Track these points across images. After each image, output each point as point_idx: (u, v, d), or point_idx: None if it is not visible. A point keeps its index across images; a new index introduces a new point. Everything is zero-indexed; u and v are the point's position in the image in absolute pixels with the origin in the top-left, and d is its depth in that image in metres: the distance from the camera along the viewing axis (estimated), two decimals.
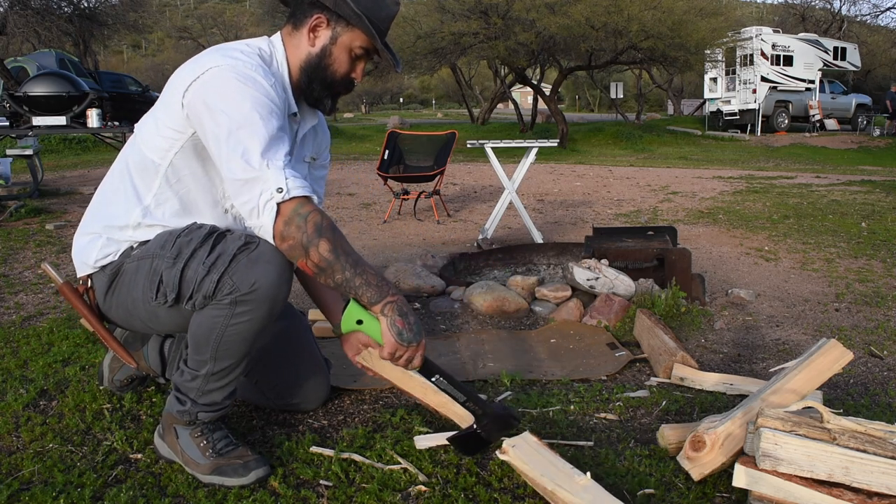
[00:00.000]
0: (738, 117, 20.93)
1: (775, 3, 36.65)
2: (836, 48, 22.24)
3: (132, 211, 1.68)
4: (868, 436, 1.39)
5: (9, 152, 6.62)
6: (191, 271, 1.54)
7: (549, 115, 20.66)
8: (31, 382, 2.25)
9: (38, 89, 6.53)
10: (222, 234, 1.59)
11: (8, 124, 6.71)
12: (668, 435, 1.76)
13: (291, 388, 1.98)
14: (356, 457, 1.73)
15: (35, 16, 16.10)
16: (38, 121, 6.46)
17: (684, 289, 3.01)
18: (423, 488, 1.60)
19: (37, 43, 17.67)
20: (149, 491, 1.62)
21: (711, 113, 22.51)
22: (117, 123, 7.32)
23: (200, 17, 38.45)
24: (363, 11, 1.66)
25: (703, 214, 6.11)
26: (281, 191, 1.50)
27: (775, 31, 21.43)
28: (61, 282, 1.75)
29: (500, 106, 33.44)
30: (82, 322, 1.84)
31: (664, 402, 2.10)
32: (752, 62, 20.41)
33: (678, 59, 15.55)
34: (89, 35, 19.31)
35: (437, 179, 6.06)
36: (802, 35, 22.17)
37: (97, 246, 1.70)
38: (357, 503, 1.56)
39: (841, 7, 28.81)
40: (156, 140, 1.65)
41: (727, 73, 21.38)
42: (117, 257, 1.69)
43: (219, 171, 1.59)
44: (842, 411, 1.92)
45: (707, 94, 23.00)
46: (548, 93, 18.10)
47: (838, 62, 22.24)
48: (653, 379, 2.31)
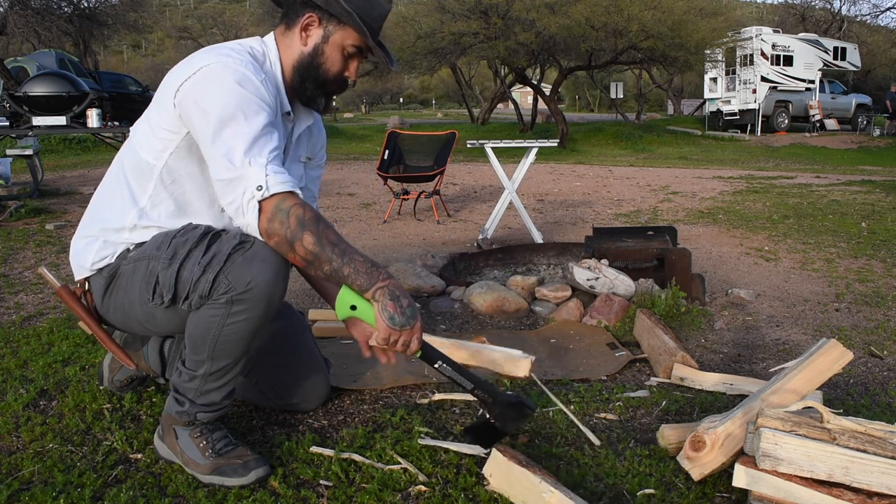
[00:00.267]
0: (738, 117, 20.93)
1: (775, 3, 36.67)
2: (836, 48, 22.23)
3: (128, 213, 1.68)
4: (868, 436, 1.39)
5: (9, 152, 6.61)
6: (186, 271, 1.54)
7: (549, 115, 20.66)
8: (31, 382, 2.25)
9: (38, 89, 6.53)
10: (217, 234, 1.59)
11: (8, 124, 6.71)
12: (668, 435, 1.76)
13: (291, 388, 1.98)
14: (356, 457, 1.73)
15: (35, 16, 16.09)
16: (38, 121, 6.46)
17: (684, 289, 3.01)
18: (423, 488, 1.60)
19: (37, 43, 17.67)
20: (149, 491, 1.62)
21: (711, 113, 22.51)
22: (117, 123, 7.32)
23: (200, 17, 38.45)
24: (354, 10, 1.66)
25: (703, 214, 6.12)
26: (261, 188, 1.50)
27: (775, 31, 21.43)
28: (59, 285, 1.75)
29: (500, 106, 33.44)
30: (81, 325, 1.83)
31: (664, 402, 2.10)
32: (752, 62, 20.40)
33: (678, 59, 15.55)
34: (89, 35, 19.30)
35: (437, 179, 6.06)
36: (802, 35, 22.17)
37: (94, 249, 1.70)
38: (357, 503, 1.56)
39: (841, 7, 28.85)
40: (150, 141, 1.65)
41: (727, 73, 21.38)
42: (114, 259, 1.69)
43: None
44: (842, 411, 1.92)
45: (707, 94, 23.00)
46: (548, 93, 18.10)
47: (838, 62, 22.24)
48: (653, 379, 2.31)
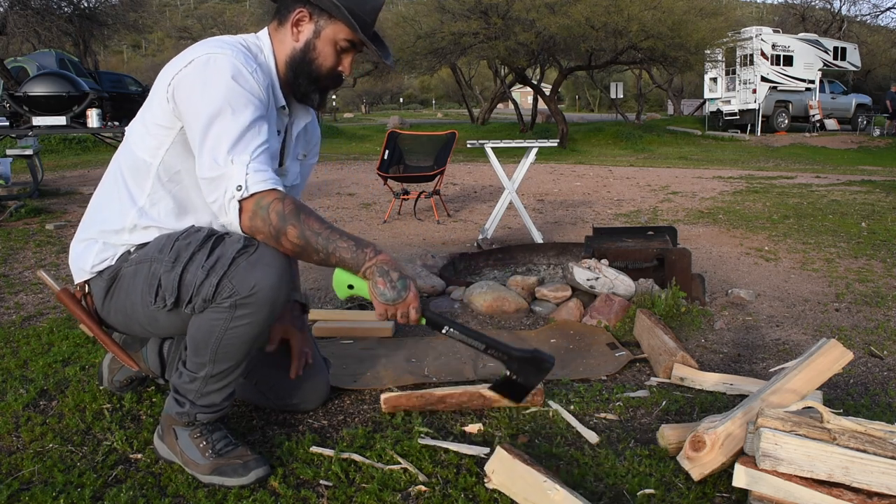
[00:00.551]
0: (738, 117, 20.92)
1: (775, 3, 36.66)
2: (836, 48, 22.23)
3: (127, 213, 1.67)
4: (868, 436, 1.39)
5: (9, 152, 6.61)
6: (189, 275, 1.53)
7: (549, 115, 20.65)
8: (31, 382, 2.25)
9: (38, 89, 6.52)
10: (221, 237, 1.57)
11: (8, 124, 6.71)
12: (668, 435, 1.76)
13: (290, 388, 1.98)
14: (356, 457, 1.73)
15: (35, 16, 16.09)
16: (38, 121, 6.46)
17: (684, 289, 3.01)
18: (423, 488, 1.60)
19: (37, 43, 17.67)
20: (149, 491, 1.62)
21: (711, 113, 22.50)
22: (117, 123, 7.32)
23: (200, 17, 38.47)
24: (345, 3, 1.64)
25: (703, 214, 6.11)
26: (241, 188, 1.51)
27: (775, 31, 21.42)
28: (58, 288, 1.74)
29: (500, 106, 33.44)
30: (81, 327, 1.83)
31: (664, 402, 2.10)
32: (752, 62, 20.40)
33: (678, 59, 15.56)
34: (89, 35, 19.30)
35: (437, 179, 6.06)
36: (802, 35, 22.16)
37: (94, 251, 1.69)
38: (357, 503, 1.56)
39: (841, 7, 28.84)
40: (146, 139, 1.64)
41: (727, 73, 21.37)
42: (114, 262, 1.68)
43: None
44: (842, 411, 1.92)
45: (707, 94, 22.99)
46: (548, 93, 18.10)
47: (838, 62, 22.23)
48: (653, 379, 2.31)
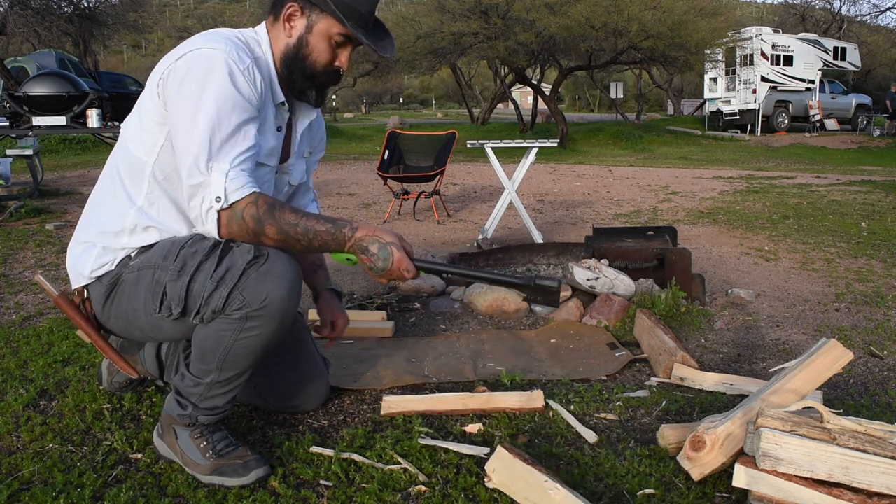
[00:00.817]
0: (738, 117, 20.93)
1: (775, 3, 36.67)
2: (836, 48, 22.24)
3: (126, 214, 1.63)
4: (868, 436, 1.39)
5: (9, 152, 6.61)
6: (197, 285, 1.51)
7: (549, 115, 20.65)
8: (31, 382, 2.25)
9: (38, 89, 6.53)
10: (228, 246, 1.54)
11: (8, 124, 6.71)
12: (668, 435, 1.76)
13: (290, 390, 1.97)
14: (356, 457, 1.73)
15: (35, 16, 16.10)
16: (38, 121, 6.46)
17: (684, 289, 3.01)
18: (423, 488, 1.60)
19: (37, 43, 17.67)
20: (149, 491, 1.61)
21: (711, 113, 22.51)
22: (117, 123, 7.32)
23: (200, 17, 38.53)
24: None
25: (703, 214, 6.11)
26: (219, 199, 1.49)
27: (775, 31, 21.43)
28: (56, 294, 1.70)
29: (500, 106, 33.43)
30: (79, 333, 1.81)
31: (664, 402, 2.10)
32: (752, 62, 20.40)
33: (678, 59, 15.56)
34: (89, 35, 19.30)
35: (437, 179, 6.06)
36: (802, 35, 22.17)
37: (92, 256, 1.65)
38: (357, 503, 1.56)
39: (841, 7, 28.84)
40: (142, 135, 1.61)
41: (727, 73, 21.38)
42: (114, 267, 1.64)
43: None
44: (842, 411, 1.92)
45: (707, 94, 23.00)
46: (548, 93, 18.10)
47: (838, 62, 22.24)
48: (653, 379, 2.31)
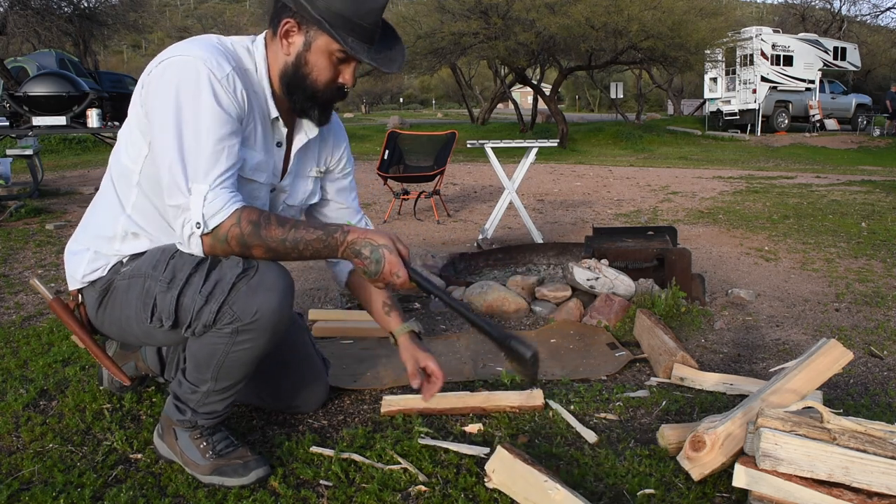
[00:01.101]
0: (738, 117, 20.93)
1: (775, 3, 36.67)
2: (836, 48, 22.23)
3: (117, 220, 1.63)
4: (868, 436, 1.39)
5: (9, 152, 6.62)
6: (187, 299, 1.50)
7: (549, 115, 20.65)
8: (31, 382, 2.25)
9: (38, 89, 6.53)
10: (217, 258, 1.52)
11: (8, 124, 6.71)
12: (668, 435, 1.76)
13: (289, 392, 1.98)
14: (356, 457, 1.73)
15: (35, 16, 16.09)
16: (38, 121, 6.46)
17: (684, 289, 3.01)
18: (423, 488, 1.60)
19: (37, 43, 17.67)
20: (149, 491, 1.61)
21: (711, 113, 22.51)
22: (117, 123, 7.32)
23: (200, 17, 38.54)
24: (341, 10, 1.48)
25: (703, 214, 6.11)
26: (199, 225, 1.44)
27: (775, 31, 21.42)
28: (51, 297, 1.71)
29: (500, 106, 33.43)
30: (72, 338, 1.80)
31: (664, 402, 2.10)
32: (752, 62, 20.40)
33: (678, 59, 15.57)
34: (89, 35, 19.30)
35: (437, 179, 6.06)
36: (802, 35, 22.17)
37: (85, 260, 1.65)
38: (357, 503, 1.56)
39: (841, 7, 28.84)
40: (129, 144, 1.59)
41: (727, 73, 21.37)
42: (106, 272, 1.64)
43: None
44: (842, 412, 1.92)
45: (707, 94, 23.00)
46: (548, 93, 18.10)
47: (838, 62, 22.24)
48: (653, 379, 2.31)
